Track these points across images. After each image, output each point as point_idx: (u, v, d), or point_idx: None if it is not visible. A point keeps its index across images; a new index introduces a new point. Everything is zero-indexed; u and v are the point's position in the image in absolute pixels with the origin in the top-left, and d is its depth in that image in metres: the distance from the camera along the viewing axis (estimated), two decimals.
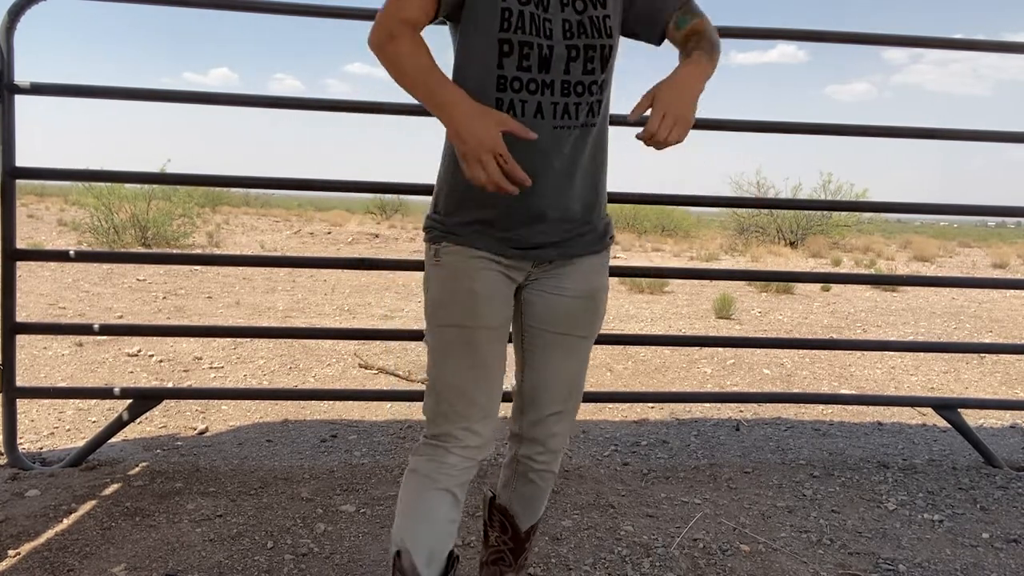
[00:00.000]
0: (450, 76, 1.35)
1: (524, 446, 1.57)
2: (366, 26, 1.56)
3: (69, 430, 3.23)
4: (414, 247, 16.39)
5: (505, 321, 1.46)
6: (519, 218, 1.39)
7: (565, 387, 1.55)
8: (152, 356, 4.58)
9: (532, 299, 1.50)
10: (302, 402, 3.69)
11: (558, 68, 1.35)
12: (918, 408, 3.88)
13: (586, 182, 1.46)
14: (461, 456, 1.39)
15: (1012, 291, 9.38)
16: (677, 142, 1.30)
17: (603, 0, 1.39)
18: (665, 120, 1.28)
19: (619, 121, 2.86)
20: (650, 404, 3.84)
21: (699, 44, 1.42)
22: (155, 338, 4.95)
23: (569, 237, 1.46)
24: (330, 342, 5.02)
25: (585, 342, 1.54)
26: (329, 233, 18.54)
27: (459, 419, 1.39)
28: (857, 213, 21.11)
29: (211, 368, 4.42)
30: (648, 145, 1.31)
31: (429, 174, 1.99)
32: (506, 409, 1.69)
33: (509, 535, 1.65)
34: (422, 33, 1.35)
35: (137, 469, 2.64)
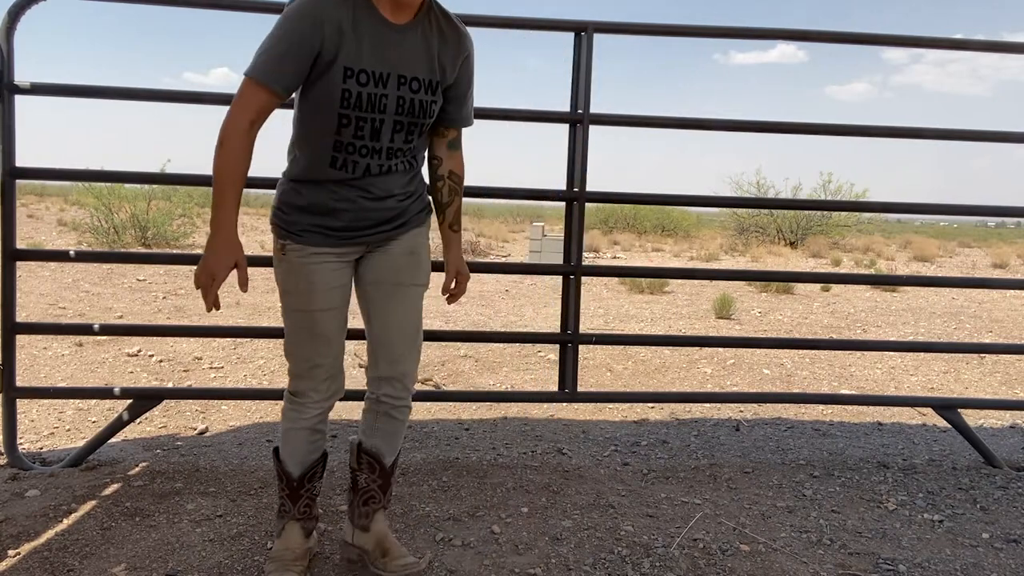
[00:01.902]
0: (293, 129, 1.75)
1: (384, 386, 1.86)
2: None
3: (69, 430, 3.23)
4: None
5: (343, 300, 1.81)
6: (352, 225, 1.76)
7: (410, 327, 1.86)
8: (152, 356, 4.59)
9: (368, 263, 1.84)
10: None
11: (385, 137, 1.69)
12: (918, 408, 3.88)
13: (403, 192, 1.81)
14: (314, 406, 1.84)
15: (1012, 291, 9.37)
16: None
17: (434, 88, 1.72)
18: (464, 283, 2.04)
19: (618, 121, 2.87)
20: (650, 404, 3.84)
21: (457, 220, 2.00)
22: (155, 338, 4.95)
23: (393, 227, 1.82)
24: None
25: (416, 289, 1.87)
26: None
27: (310, 380, 1.82)
28: (857, 213, 21.10)
29: (211, 368, 4.42)
30: (451, 301, 2.06)
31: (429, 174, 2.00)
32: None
33: (377, 472, 1.90)
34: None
35: (137, 469, 2.64)
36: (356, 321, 1.85)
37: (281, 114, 1.86)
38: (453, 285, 2.03)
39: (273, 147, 2.00)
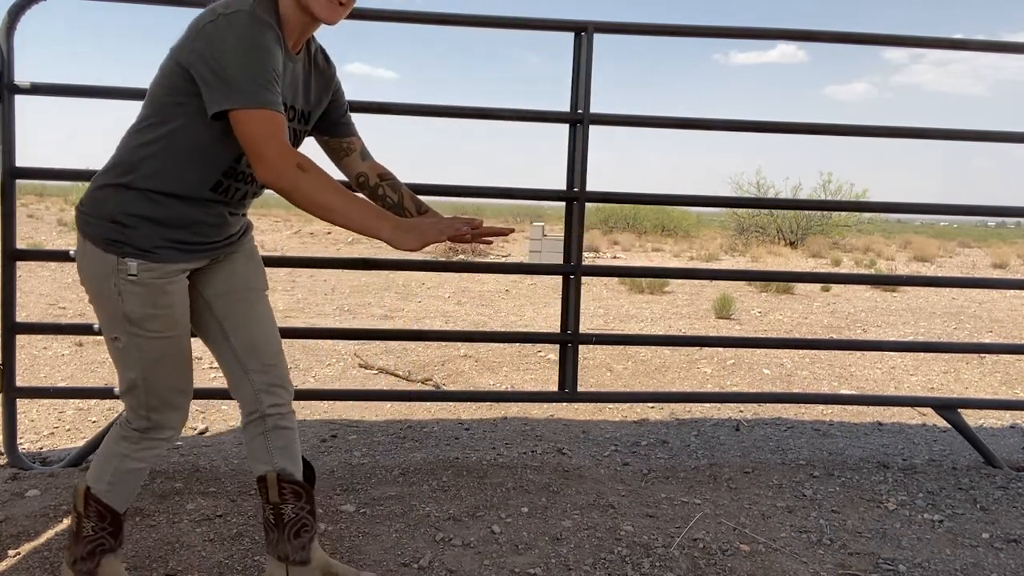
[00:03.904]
0: (152, 134, 1.52)
1: (266, 398, 1.71)
2: (367, 26, 1.59)
3: (69, 430, 3.23)
4: None
5: (188, 317, 1.67)
6: (210, 239, 1.63)
7: (274, 331, 1.77)
8: None
9: (211, 276, 1.71)
10: (302, 402, 3.69)
11: None
12: (918, 408, 3.88)
13: (247, 209, 1.76)
14: (173, 438, 1.68)
15: (1012, 291, 9.37)
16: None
17: (306, 118, 1.70)
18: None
19: (618, 121, 2.87)
20: (650, 404, 3.84)
21: (420, 203, 1.87)
22: None
23: (238, 236, 1.74)
24: (330, 342, 5.02)
25: (266, 294, 1.81)
26: (329, 233, 18.53)
27: (176, 410, 1.65)
28: (857, 213, 21.10)
29: (211, 368, 4.42)
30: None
31: (429, 174, 2.00)
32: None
33: (304, 498, 1.74)
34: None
35: None
36: (356, 321, 1.84)
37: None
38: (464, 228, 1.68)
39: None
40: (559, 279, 2.93)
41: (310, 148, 1.78)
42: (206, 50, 1.40)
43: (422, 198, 1.92)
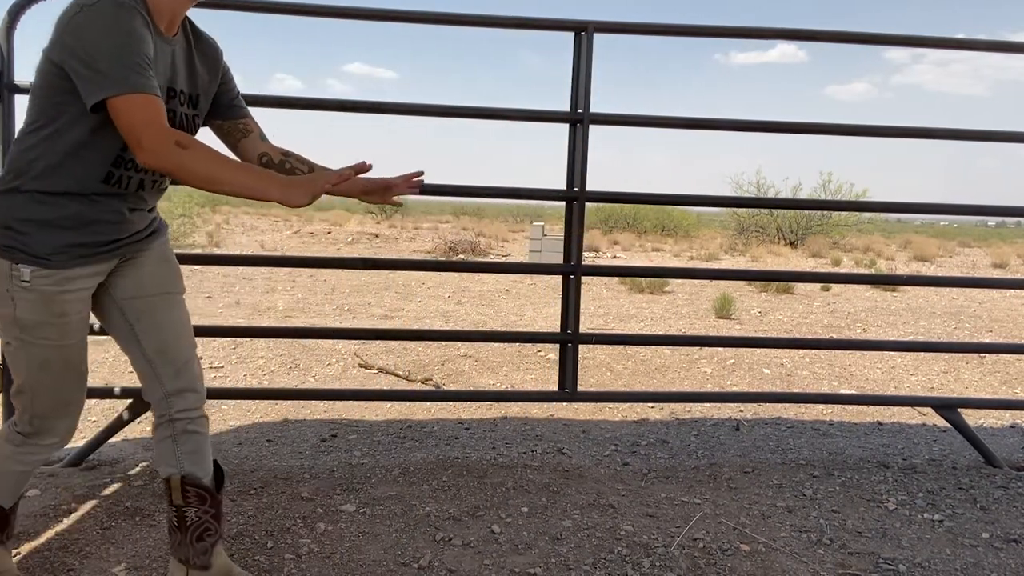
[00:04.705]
0: (36, 137, 1.50)
1: (176, 402, 1.70)
2: (367, 26, 1.60)
3: None
4: (414, 247, 16.39)
5: (88, 325, 1.64)
6: (111, 238, 1.59)
7: (188, 334, 1.74)
8: None
9: (121, 279, 1.68)
10: (302, 402, 3.69)
11: None
12: (918, 408, 3.88)
13: (155, 205, 1.73)
14: (57, 445, 1.65)
15: (1012, 291, 9.37)
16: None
17: (195, 102, 1.67)
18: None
19: (618, 121, 2.87)
20: (650, 404, 3.84)
21: (307, 161, 1.84)
22: None
23: (145, 235, 1.70)
24: (330, 342, 5.02)
25: (181, 297, 1.77)
26: (329, 233, 18.54)
27: (64, 418, 1.63)
28: (857, 213, 21.10)
29: (211, 368, 4.41)
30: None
31: (429, 174, 2.00)
32: None
33: (209, 502, 1.72)
34: None
35: (137, 469, 2.64)
36: (356, 321, 1.84)
37: (279, 115, 1.84)
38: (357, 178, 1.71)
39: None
40: (559, 279, 2.93)
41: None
42: (75, 43, 1.39)
43: (423, 198, 1.92)
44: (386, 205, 1.78)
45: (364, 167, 1.52)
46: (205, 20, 1.73)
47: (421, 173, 1.83)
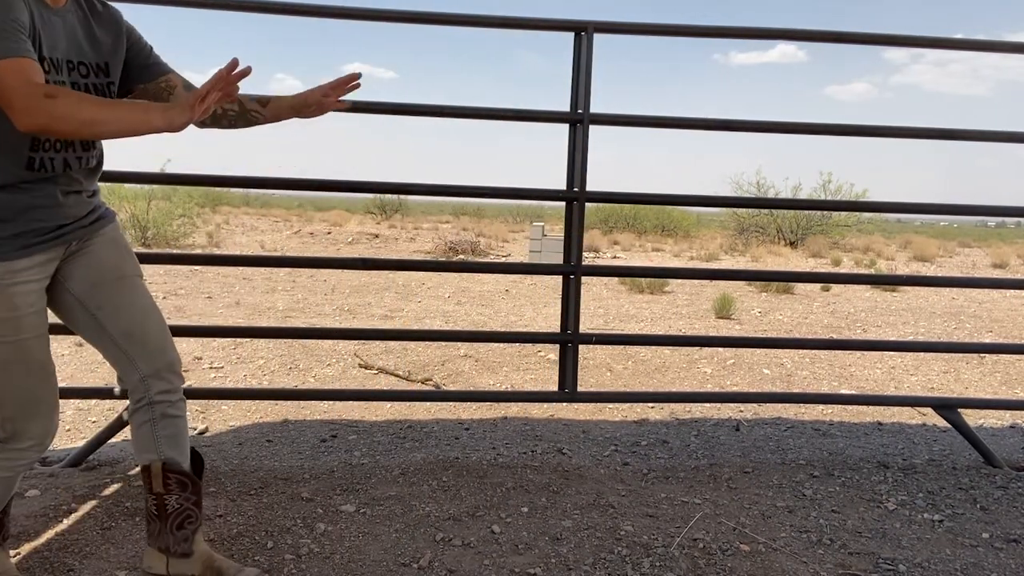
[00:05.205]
0: None
1: (154, 384, 1.67)
2: (367, 26, 1.57)
3: (69, 430, 3.23)
4: (414, 247, 16.39)
5: (46, 322, 1.59)
6: (53, 224, 1.56)
7: (155, 316, 1.71)
8: None
9: (74, 271, 1.64)
10: (302, 402, 3.69)
11: None
12: (918, 408, 3.88)
13: (91, 189, 1.68)
14: (36, 449, 1.58)
15: (1012, 291, 9.37)
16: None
17: (105, 70, 1.62)
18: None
19: (618, 121, 2.87)
20: (650, 404, 3.84)
21: (266, 99, 1.79)
22: None
23: (91, 221, 1.66)
24: (330, 342, 5.02)
25: (141, 280, 1.74)
26: (329, 233, 18.54)
27: (35, 418, 1.56)
28: (857, 213, 21.10)
29: (211, 368, 4.42)
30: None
31: (430, 174, 1.99)
32: None
33: (190, 488, 1.70)
34: None
35: (137, 469, 2.63)
36: (356, 321, 1.83)
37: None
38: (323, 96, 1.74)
39: (270, 147, 1.88)
40: (559, 279, 2.93)
41: None
42: None
43: (424, 198, 1.92)
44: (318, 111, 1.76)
45: (234, 63, 1.42)
46: (206, 19, 1.72)
47: (357, 75, 1.75)
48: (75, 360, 4.44)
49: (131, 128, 1.40)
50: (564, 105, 2.80)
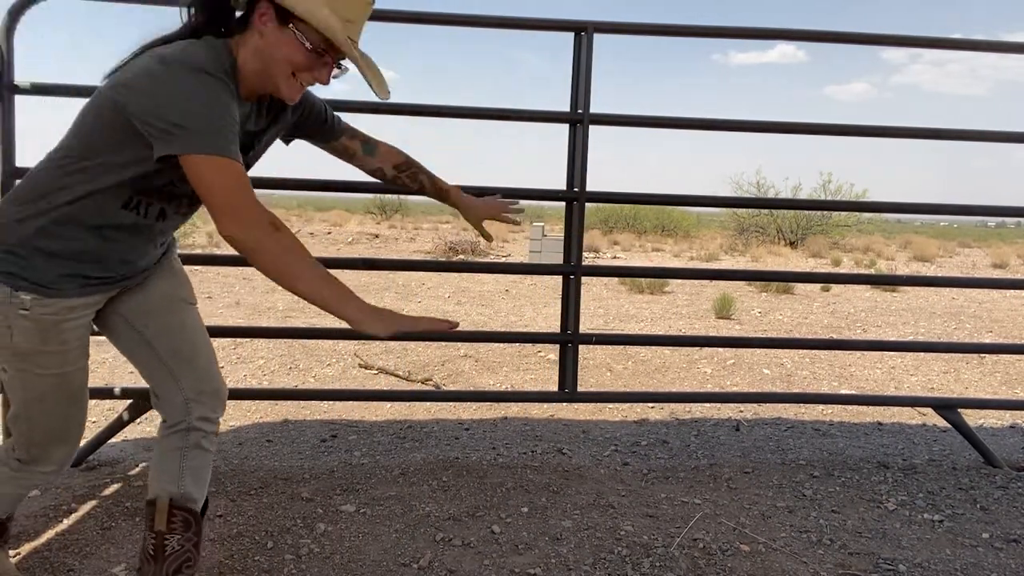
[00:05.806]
0: (73, 166, 1.40)
1: (196, 408, 1.62)
2: (367, 26, 1.56)
3: None
4: (414, 247, 16.39)
5: (88, 349, 1.55)
6: (122, 273, 1.53)
7: (204, 340, 1.68)
8: None
9: (126, 298, 1.61)
10: (302, 402, 3.69)
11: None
12: (918, 408, 3.88)
13: (171, 235, 1.67)
14: (55, 473, 1.59)
15: (1012, 291, 9.37)
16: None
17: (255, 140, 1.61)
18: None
19: (618, 121, 2.87)
20: (650, 404, 3.84)
21: (437, 179, 2.04)
22: None
23: (152, 264, 1.64)
24: (330, 342, 5.02)
25: (191, 306, 1.69)
26: (329, 233, 18.55)
27: (63, 444, 1.55)
28: (857, 213, 21.10)
29: None
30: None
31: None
32: None
33: (193, 529, 1.62)
34: None
35: (137, 469, 2.64)
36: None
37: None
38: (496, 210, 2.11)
39: (287, 151, 1.87)
40: (559, 279, 2.93)
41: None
42: (155, 99, 1.29)
43: (424, 199, 1.94)
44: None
45: (454, 325, 1.44)
46: None
47: (521, 209, 2.14)
48: None
49: (321, 304, 1.35)
50: (564, 105, 2.80)
